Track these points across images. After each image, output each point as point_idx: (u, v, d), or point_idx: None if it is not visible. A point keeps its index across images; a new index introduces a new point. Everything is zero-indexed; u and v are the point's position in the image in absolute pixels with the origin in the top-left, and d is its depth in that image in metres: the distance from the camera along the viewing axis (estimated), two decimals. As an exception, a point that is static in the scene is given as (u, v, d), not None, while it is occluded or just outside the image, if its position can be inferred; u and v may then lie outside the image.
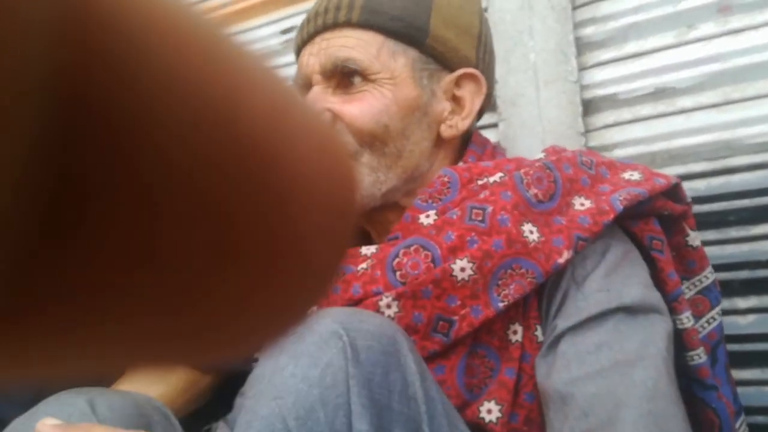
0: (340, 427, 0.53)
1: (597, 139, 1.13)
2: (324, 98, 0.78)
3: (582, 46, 1.13)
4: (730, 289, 1.03)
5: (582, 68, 1.13)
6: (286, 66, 1.47)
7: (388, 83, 0.78)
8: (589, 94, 1.13)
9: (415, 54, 0.80)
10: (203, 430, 0.94)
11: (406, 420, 0.57)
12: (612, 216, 0.69)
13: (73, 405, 0.65)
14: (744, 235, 1.03)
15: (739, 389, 1.03)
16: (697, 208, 1.05)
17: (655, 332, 0.65)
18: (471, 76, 0.83)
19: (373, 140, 0.77)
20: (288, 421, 0.54)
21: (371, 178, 0.77)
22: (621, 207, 0.69)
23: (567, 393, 0.63)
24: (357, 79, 0.78)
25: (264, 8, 1.50)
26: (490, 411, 0.69)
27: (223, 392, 1.02)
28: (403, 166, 0.80)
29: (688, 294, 0.81)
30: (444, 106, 0.82)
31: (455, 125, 0.82)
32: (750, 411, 1.03)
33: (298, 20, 1.45)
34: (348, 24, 0.78)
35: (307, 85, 0.81)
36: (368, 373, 0.55)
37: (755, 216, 1.02)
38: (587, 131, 1.13)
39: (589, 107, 1.13)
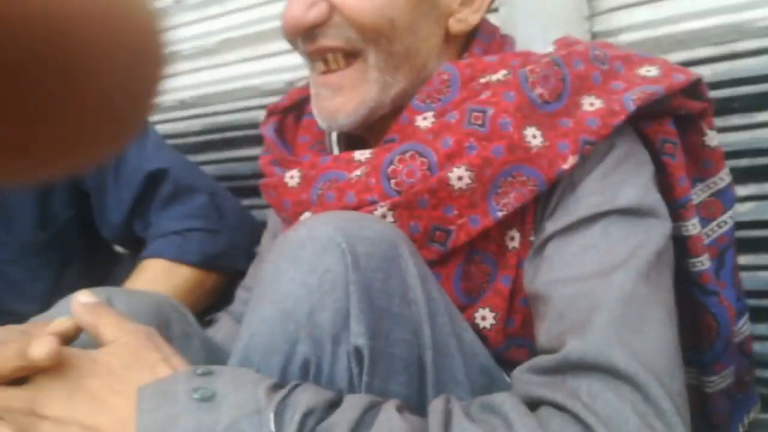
0: (337, 331, 0.54)
1: (602, 24, 1.08)
2: None
3: None
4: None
5: (588, -53, 1.06)
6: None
7: None
8: (595, -25, 1.07)
9: None
10: (206, 320, 0.97)
11: (405, 322, 0.57)
12: (623, 117, 0.64)
13: None
14: (747, 123, 1.01)
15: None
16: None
17: (648, 237, 0.61)
18: None
19: (379, 36, 0.70)
20: (287, 325, 0.55)
21: (380, 82, 0.72)
22: (633, 107, 0.64)
23: (546, 294, 0.61)
24: None
25: None
26: (484, 318, 0.68)
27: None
28: (411, 66, 0.73)
29: (701, 196, 0.78)
30: None
31: (465, 19, 0.75)
32: (748, 294, 1.06)
33: None
34: None
35: None
36: (368, 279, 0.55)
37: (759, 102, 1.00)
38: (592, 15, 1.08)
39: (594, -11, 1.07)
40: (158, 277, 1.02)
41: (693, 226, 0.72)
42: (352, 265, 0.55)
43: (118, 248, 1.32)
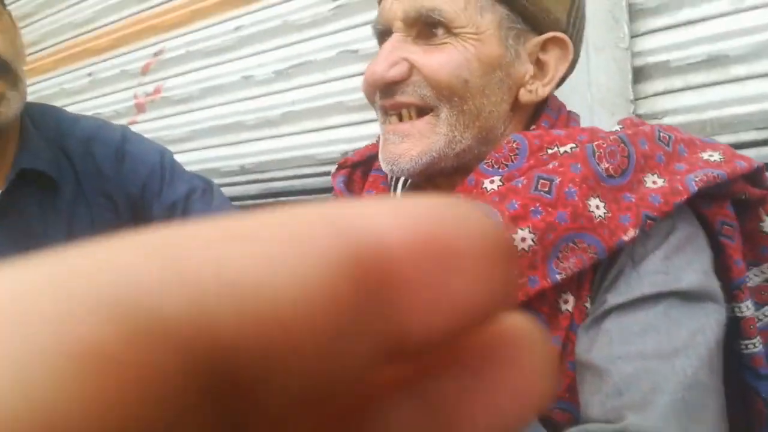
0: None
1: (646, 107, 1.13)
2: (403, 47, 0.76)
3: (634, 13, 1.12)
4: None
5: (634, 35, 1.13)
6: (336, 33, 1.49)
7: (472, 38, 0.75)
8: (640, 62, 1.13)
9: (504, 11, 0.76)
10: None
11: None
12: (685, 197, 0.66)
13: None
14: (793, 205, 1.03)
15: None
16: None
17: (707, 323, 0.63)
18: (559, 41, 0.78)
19: (452, 95, 0.74)
20: None
21: (448, 136, 0.75)
22: (695, 188, 0.66)
23: (604, 369, 0.62)
24: (440, 31, 0.75)
25: (219, 8, 1.54)
26: None
27: None
28: (480, 127, 0.77)
29: (756, 280, 0.78)
30: (527, 68, 0.77)
31: (535, 90, 0.78)
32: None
33: (250, 18, 1.48)
34: None
35: (387, 31, 0.79)
36: None
37: (805, 186, 1.01)
38: (636, 99, 1.13)
39: (639, 74, 1.13)
40: None
41: (747, 308, 0.73)
42: None
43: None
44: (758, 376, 0.74)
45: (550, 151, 0.72)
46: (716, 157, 0.72)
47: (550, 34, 0.78)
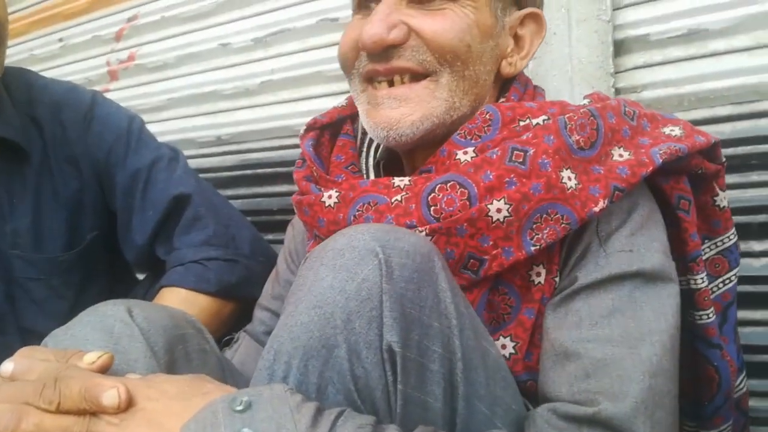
0: (372, 338, 0.56)
1: (626, 80, 1.14)
2: (399, 9, 0.75)
3: (616, -14, 1.13)
4: (747, 231, 1.05)
5: (615, 8, 1.13)
6: (316, 0, 1.47)
7: (470, 5, 0.75)
8: (621, 35, 1.13)
9: None
10: (225, 339, 0.99)
11: (435, 333, 0.59)
12: (651, 168, 0.68)
13: (113, 315, 0.66)
14: (766, 180, 1.04)
15: (750, 329, 1.06)
16: (722, 151, 1.06)
17: (668, 305, 0.67)
18: (535, 16, 0.82)
19: (455, 59, 0.75)
20: (325, 329, 0.56)
21: (449, 102, 0.76)
22: (660, 161, 0.69)
23: (573, 350, 0.64)
24: None
25: None
26: (504, 346, 0.70)
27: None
28: (476, 94, 0.78)
29: (709, 254, 0.81)
30: (508, 42, 0.80)
31: (514, 63, 0.81)
32: (759, 350, 1.07)
33: None
34: None
35: None
36: (401, 289, 0.57)
37: (778, 161, 1.03)
38: (616, 72, 1.13)
39: (620, 48, 1.13)
40: (178, 306, 1.03)
41: (701, 280, 0.75)
42: (386, 275, 0.57)
43: (137, 274, 1.35)
44: (710, 344, 0.77)
45: (522, 123, 0.73)
46: (677, 131, 0.74)
47: (529, 9, 0.81)
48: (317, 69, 1.48)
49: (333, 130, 0.91)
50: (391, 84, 0.77)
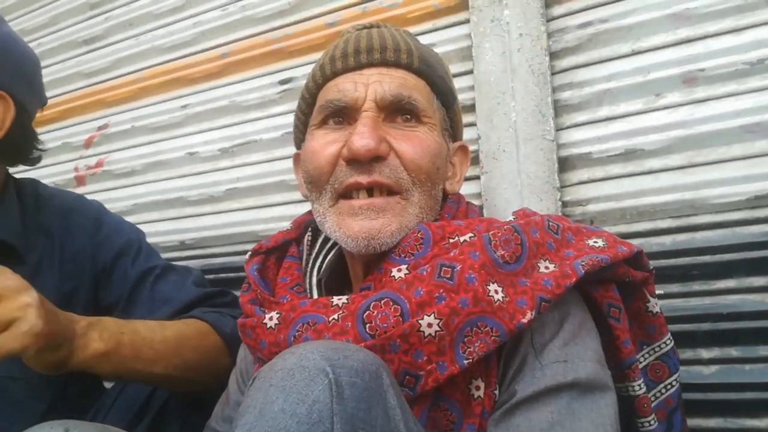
0: None
1: (571, 194, 1.20)
2: (380, 126, 0.81)
3: (559, 108, 1.22)
4: (693, 339, 1.09)
5: (559, 128, 1.21)
6: (282, 114, 1.54)
7: (434, 130, 0.84)
8: (565, 153, 1.21)
9: (444, 115, 0.89)
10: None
11: None
12: (574, 279, 0.71)
13: None
14: (707, 289, 1.09)
15: (703, 437, 1.07)
16: (663, 263, 1.11)
17: (606, 414, 0.69)
18: (463, 148, 0.93)
19: (427, 179, 0.81)
20: None
21: (419, 217, 0.81)
22: (583, 272, 0.72)
23: None
24: (408, 118, 0.82)
25: (263, 60, 1.58)
26: None
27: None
28: (435, 210, 0.85)
29: (648, 359, 0.84)
30: (449, 166, 0.89)
31: (452, 187, 0.90)
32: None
33: (295, 72, 1.53)
34: (408, 68, 0.84)
35: (346, 109, 0.83)
36: (352, 409, 0.58)
37: (717, 271, 1.08)
38: (562, 186, 1.20)
39: (564, 164, 1.21)
40: (199, 332, 1.08)
41: (639, 387, 0.78)
42: (336, 396, 0.57)
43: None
44: None
45: (451, 241, 0.77)
46: (600, 243, 0.78)
47: (461, 142, 0.93)
48: (281, 178, 1.53)
49: (279, 254, 0.95)
50: (370, 194, 0.81)
